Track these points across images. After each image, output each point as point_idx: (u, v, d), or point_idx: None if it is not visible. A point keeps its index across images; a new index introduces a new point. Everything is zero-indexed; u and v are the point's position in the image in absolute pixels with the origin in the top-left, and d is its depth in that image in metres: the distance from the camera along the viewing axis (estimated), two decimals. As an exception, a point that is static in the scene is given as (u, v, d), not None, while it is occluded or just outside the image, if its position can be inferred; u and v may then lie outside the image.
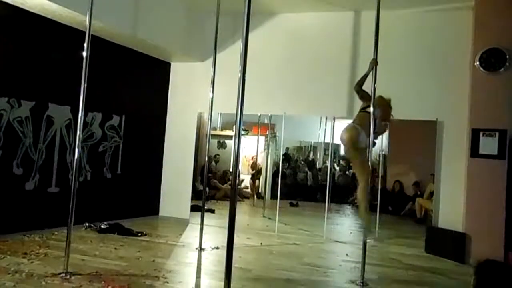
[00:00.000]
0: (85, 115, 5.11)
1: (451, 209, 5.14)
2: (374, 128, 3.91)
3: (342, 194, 9.15)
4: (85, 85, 3.56)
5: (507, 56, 4.79)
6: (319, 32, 5.94)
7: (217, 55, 4.72)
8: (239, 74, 2.32)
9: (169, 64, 6.62)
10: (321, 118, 8.63)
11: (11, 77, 4.55)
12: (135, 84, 6.14)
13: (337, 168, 10.43)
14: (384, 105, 4.20)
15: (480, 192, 4.83)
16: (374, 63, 4.00)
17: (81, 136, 3.61)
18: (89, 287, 3.19)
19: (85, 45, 3.58)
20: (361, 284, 3.73)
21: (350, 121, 4.19)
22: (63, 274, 3.39)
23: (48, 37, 4.88)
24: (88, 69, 3.58)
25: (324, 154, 10.25)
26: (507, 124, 4.80)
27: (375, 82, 3.99)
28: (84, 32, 3.62)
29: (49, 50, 4.90)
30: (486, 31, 4.93)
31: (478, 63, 4.92)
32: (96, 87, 4.90)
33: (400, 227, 7.06)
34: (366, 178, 3.85)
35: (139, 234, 5.09)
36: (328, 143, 8.99)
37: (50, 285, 3.18)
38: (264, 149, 8.92)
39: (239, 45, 2.40)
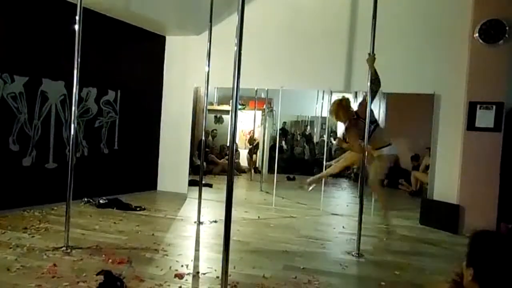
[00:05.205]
0: (80, 90, 5.05)
1: (446, 182, 5.20)
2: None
3: (339, 167, 9.19)
4: (79, 59, 3.50)
5: (507, 28, 4.72)
6: (316, 3, 5.82)
7: (213, 28, 4.63)
8: (235, 48, 2.28)
9: (164, 38, 6.49)
10: (318, 92, 8.58)
11: (2, 52, 4.46)
12: (130, 58, 6.04)
13: (334, 142, 10.45)
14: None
15: (475, 165, 4.88)
16: (373, 59, 3.86)
17: (76, 111, 3.57)
18: (90, 260, 3.24)
19: (77, 18, 3.49)
20: (357, 255, 3.82)
21: (348, 95, 4.20)
22: (64, 248, 3.45)
23: (39, 11, 4.75)
24: (81, 43, 3.51)
25: (321, 128, 10.23)
26: (504, 97, 4.79)
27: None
28: (76, 5, 3.53)
29: (41, 24, 4.79)
30: (486, 2, 4.84)
31: (477, 34, 4.85)
32: (91, 62, 4.82)
33: (395, 200, 7.15)
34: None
35: (138, 209, 5.14)
36: (325, 117, 8.97)
37: (51, 259, 3.23)
38: (261, 124, 8.90)
39: (235, 17, 2.35)
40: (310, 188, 4.88)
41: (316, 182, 4.85)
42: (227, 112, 8.78)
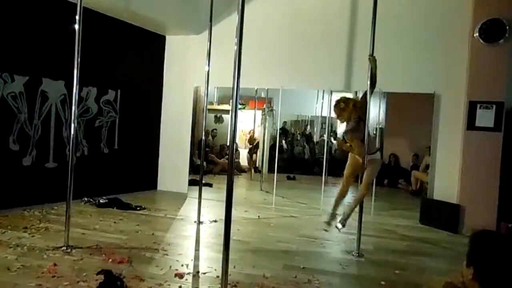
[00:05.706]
0: (80, 90, 5.05)
1: (446, 182, 5.20)
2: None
3: (339, 167, 9.17)
4: (79, 59, 3.50)
5: (507, 27, 4.72)
6: (316, 4, 5.82)
7: (213, 28, 4.63)
8: (235, 47, 2.28)
9: (164, 37, 6.49)
10: (318, 92, 8.58)
11: (2, 52, 4.46)
12: (130, 58, 6.05)
13: (334, 141, 10.46)
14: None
15: (475, 164, 4.88)
16: (374, 60, 3.84)
17: (76, 111, 3.58)
18: (90, 260, 3.25)
19: (77, 17, 3.50)
20: (357, 254, 3.82)
21: (348, 95, 4.18)
22: (64, 248, 3.45)
23: (39, 11, 4.76)
24: (81, 43, 3.51)
25: (321, 127, 10.23)
26: (504, 97, 4.79)
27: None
28: (76, 5, 3.53)
29: (41, 24, 4.79)
30: (486, 2, 4.84)
31: (477, 34, 4.85)
32: (91, 62, 4.82)
33: (395, 200, 7.16)
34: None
35: (138, 208, 5.14)
36: (325, 117, 8.97)
37: (52, 258, 3.23)
38: (261, 123, 8.91)
39: (235, 17, 2.35)
40: (343, 227, 4.07)
41: (349, 214, 4.13)
42: (227, 111, 8.78)
